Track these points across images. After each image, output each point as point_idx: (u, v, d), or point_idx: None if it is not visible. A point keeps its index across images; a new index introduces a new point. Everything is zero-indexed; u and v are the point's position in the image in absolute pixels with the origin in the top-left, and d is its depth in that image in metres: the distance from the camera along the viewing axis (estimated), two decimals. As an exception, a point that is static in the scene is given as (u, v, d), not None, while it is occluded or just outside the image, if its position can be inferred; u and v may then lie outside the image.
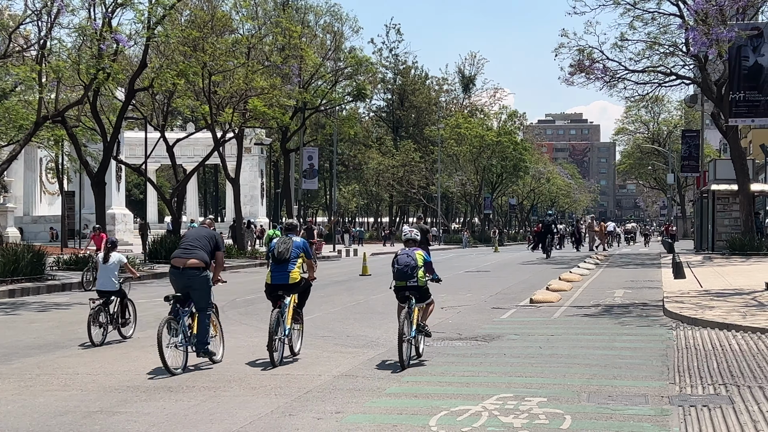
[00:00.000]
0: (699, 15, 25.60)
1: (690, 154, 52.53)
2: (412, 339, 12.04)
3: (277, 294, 12.30)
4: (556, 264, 37.22)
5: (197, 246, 12.17)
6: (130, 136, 60.27)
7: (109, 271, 14.94)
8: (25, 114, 31.65)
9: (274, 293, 12.34)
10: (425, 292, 12.42)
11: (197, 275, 11.94)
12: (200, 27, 36.59)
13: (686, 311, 16.68)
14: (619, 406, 9.19)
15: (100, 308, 14.32)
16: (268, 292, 12.42)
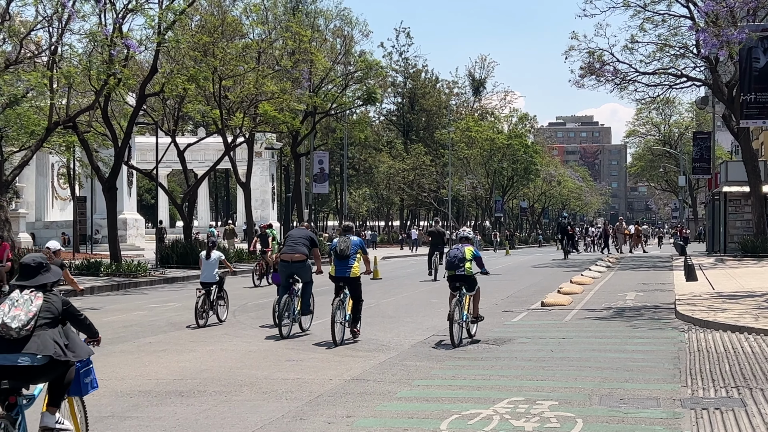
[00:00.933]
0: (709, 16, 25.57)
1: (701, 156, 52.38)
2: (463, 323, 14.14)
3: (340, 285, 14.67)
4: (568, 267, 37.14)
5: (299, 244, 15.82)
6: (141, 141, 60.38)
7: (211, 266, 17.73)
8: (37, 120, 31.76)
9: (338, 284, 14.72)
10: (472, 282, 14.54)
11: (301, 266, 15.64)
12: (210, 32, 36.65)
13: (698, 314, 16.62)
14: (631, 409, 9.16)
15: (205, 296, 17.31)
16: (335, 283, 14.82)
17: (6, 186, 28.34)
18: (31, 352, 6.35)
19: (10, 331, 6.35)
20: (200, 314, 17.04)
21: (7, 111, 29.41)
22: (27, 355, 6.34)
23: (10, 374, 6.30)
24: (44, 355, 6.40)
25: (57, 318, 6.65)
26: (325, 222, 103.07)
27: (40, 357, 6.39)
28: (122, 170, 41.42)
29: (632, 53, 39.71)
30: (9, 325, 6.35)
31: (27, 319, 6.43)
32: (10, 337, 6.35)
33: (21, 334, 6.37)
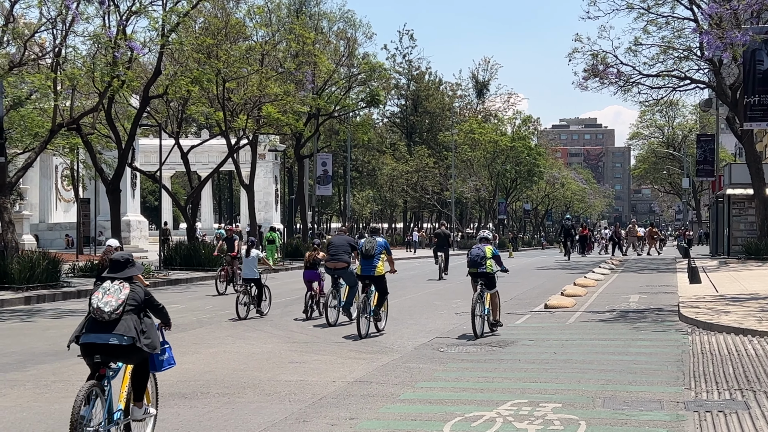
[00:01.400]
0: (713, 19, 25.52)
1: (705, 158, 52.28)
2: (485, 316, 15.37)
3: (366, 282, 16.06)
4: (571, 269, 37.11)
5: (341, 252, 17.64)
6: (144, 143, 60.45)
7: (251, 264, 19.40)
8: (41, 122, 31.81)
9: (363, 282, 16.15)
10: (492, 279, 15.63)
11: (344, 272, 17.59)
12: (214, 34, 36.67)
13: (702, 316, 16.60)
14: (635, 411, 9.15)
15: (246, 291, 19.00)
16: (360, 281, 16.37)
17: (10, 188, 28.35)
18: (120, 333, 7.47)
19: (104, 315, 7.47)
20: (241, 309, 18.74)
21: (11, 113, 29.46)
22: (116, 336, 7.46)
23: (102, 350, 7.48)
24: (129, 336, 7.50)
25: (140, 305, 7.76)
26: (329, 224, 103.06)
27: (127, 338, 7.48)
28: (126, 172, 41.43)
29: (636, 55, 39.77)
30: (103, 309, 7.48)
31: (117, 305, 7.53)
32: (103, 319, 7.49)
33: (112, 317, 7.48)
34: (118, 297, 7.58)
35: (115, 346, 7.46)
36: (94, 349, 7.51)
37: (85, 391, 7.28)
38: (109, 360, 7.61)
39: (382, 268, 16.10)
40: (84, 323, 7.68)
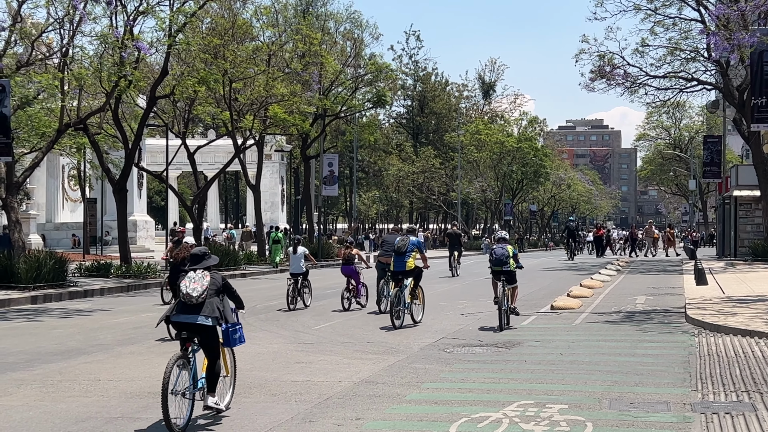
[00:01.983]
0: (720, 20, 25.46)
1: (712, 159, 52.09)
2: (508, 310, 16.76)
3: (398, 278, 17.30)
4: (577, 270, 37.08)
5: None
6: (151, 143, 60.56)
7: (297, 259, 21.25)
8: (48, 121, 31.86)
9: (396, 277, 17.36)
10: (514, 276, 16.88)
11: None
12: (221, 34, 36.72)
13: (708, 318, 16.58)
14: (641, 413, 9.14)
15: (294, 285, 20.85)
16: (392, 276, 17.62)
17: (17, 187, 28.43)
18: (206, 314, 9.01)
19: (192, 299, 9.01)
20: (291, 300, 20.73)
21: (19, 112, 29.51)
22: (202, 316, 9.01)
23: (189, 328, 9.04)
24: (213, 317, 9.02)
25: (219, 290, 9.29)
26: (335, 225, 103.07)
27: (211, 318, 9.02)
28: (132, 172, 41.48)
29: (643, 57, 39.59)
30: (191, 295, 9.01)
31: (202, 290, 9.06)
32: (191, 302, 9.01)
33: (198, 300, 9.02)
34: (202, 284, 9.11)
35: (200, 325, 8.99)
36: (183, 327, 9.08)
37: (174, 360, 8.69)
38: (194, 336, 9.07)
39: (412, 263, 17.51)
40: (174, 306, 9.27)
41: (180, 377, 8.74)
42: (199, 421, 9.12)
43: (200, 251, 9.58)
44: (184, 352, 8.94)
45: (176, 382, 8.63)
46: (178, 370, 8.75)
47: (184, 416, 8.71)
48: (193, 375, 8.98)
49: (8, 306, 22.11)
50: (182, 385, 8.74)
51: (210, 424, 8.98)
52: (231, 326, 9.40)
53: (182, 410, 8.69)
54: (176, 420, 8.52)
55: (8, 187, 27.45)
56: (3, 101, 24.19)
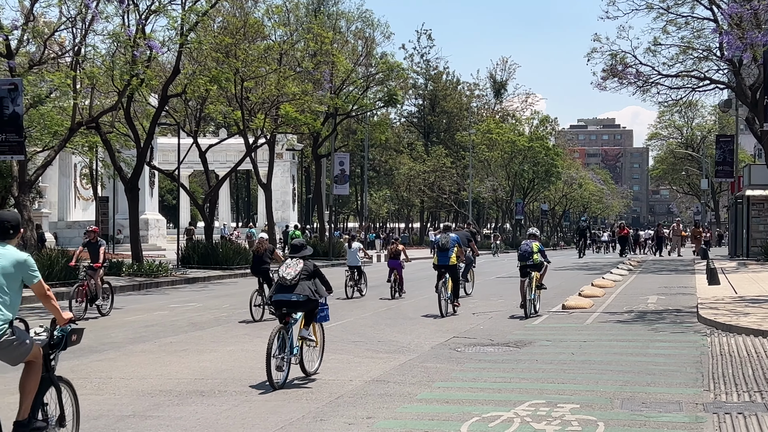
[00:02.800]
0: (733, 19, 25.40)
1: (724, 159, 51.88)
2: (532, 300, 18.51)
3: (442, 271, 19.09)
4: (589, 270, 37.00)
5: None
6: (163, 142, 60.64)
7: (353, 253, 24.30)
8: (60, 120, 31.95)
9: (440, 271, 19.20)
10: (540, 265, 19.07)
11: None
12: (233, 33, 36.76)
13: (721, 318, 16.51)
14: (653, 413, 9.11)
15: (351, 275, 23.91)
16: (437, 270, 19.37)
17: (29, 186, 28.51)
18: (297, 293, 11.23)
19: (287, 281, 11.30)
20: (348, 290, 23.64)
21: (31, 111, 29.60)
22: (295, 294, 11.23)
23: (287, 305, 11.25)
24: (304, 295, 11.24)
25: (311, 275, 11.47)
26: (345, 224, 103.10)
27: (302, 296, 11.23)
28: (144, 171, 41.60)
29: (655, 56, 39.51)
30: (286, 278, 11.33)
31: (295, 274, 11.35)
32: (287, 284, 11.30)
33: (292, 282, 11.30)
34: (296, 269, 11.38)
35: (295, 301, 11.20)
36: (282, 304, 11.27)
37: (276, 331, 10.91)
38: (291, 311, 11.21)
39: (455, 258, 19.42)
40: (274, 288, 11.55)
41: (280, 345, 10.81)
42: (205, 418, 9.13)
43: (299, 243, 11.99)
44: (283, 324, 11.10)
45: (276, 348, 10.70)
46: (278, 339, 10.82)
47: (282, 378, 10.80)
48: (290, 344, 11.01)
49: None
50: (281, 352, 10.79)
51: (222, 420, 8.99)
52: (319, 305, 11.56)
53: (281, 374, 10.74)
54: (279, 375, 10.71)
55: (21, 185, 27.53)
56: (16, 100, 24.24)
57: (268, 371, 10.50)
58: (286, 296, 11.23)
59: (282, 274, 11.38)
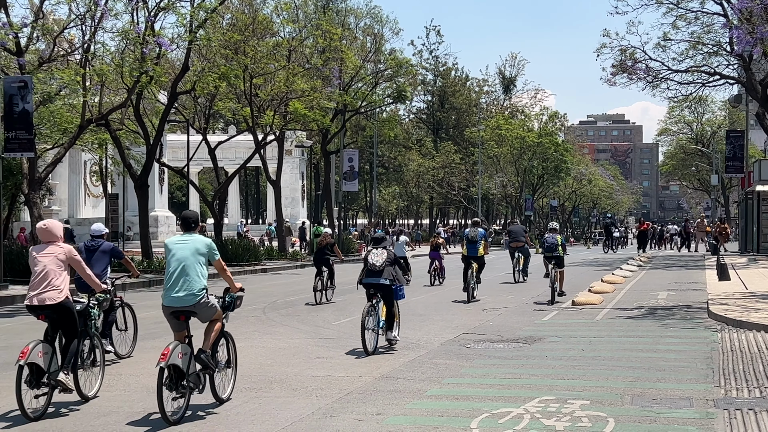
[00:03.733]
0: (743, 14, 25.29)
1: (734, 154, 51.63)
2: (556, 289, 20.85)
3: (469, 262, 21.78)
4: (599, 266, 36.95)
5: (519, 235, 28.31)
6: (172, 139, 60.74)
7: (400, 246, 25.98)
8: (70, 117, 32.01)
9: (467, 261, 21.87)
10: (561, 260, 21.74)
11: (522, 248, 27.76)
12: (241, 30, 36.78)
13: (731, 313, 16.47)
14: (663, 409, 9.09)
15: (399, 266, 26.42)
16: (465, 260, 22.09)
17: (39, 183, 28.59)
18: (384, 277, 13.66)
19: (375, 267, 13.67)
20: None
21: (41, 108, 29.67)
22: (382, 278, 13.65)
23: (374, 287, 13.69)
24: (389, 279, 13.65)
25: (393, 261, 13.89)
26: (355, 220, 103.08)
27: (388, 280, 13.64)
28: (154, 168, 41.66)
29: (665, 51, 39.45)
30: (375, 264, 13.70)
31: (381, 262, 13.71)
32: (375, 269, 13.67)
33: (379, 268, 13.65)
34: (382, 257, 13.74)
35: (382, 284, 13.63)
36: (371, 286, 13.73)
37: (366, 309, 13.27)
38: (377, 292, 13.63)
39: (482, 251, 22.24)
40: (362, 273, 13.95)
41: (370, 319, 13.21)
42: (215, 414, 9.15)
43: (380, 236, 14.41)
44: (372, 302, 13.50)
45: (367, 322, 13.11)
46: (368, 315, 13.18)
47: (373, 345, 13.17)
48: (377, 319, 13.46)
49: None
50: (371, 325, 13.22)
51: (233, 416, 9.00)
52: (398, 286, 13.87)
53: (371, 341, 13.18)
54: (371, 345, 13.09)
55: (31, 182, 27.60)
56: (25, 97, 24.29)
57: (362, 339, 12.98)
58: (375, 279, 13.68)
59: (372, 262, 13.74)
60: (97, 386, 10.09)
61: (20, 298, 22.11)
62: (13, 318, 18.80)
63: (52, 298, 9.35)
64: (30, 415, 8.87)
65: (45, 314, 9.44)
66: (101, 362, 10.31)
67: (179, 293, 9.38)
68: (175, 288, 9.39)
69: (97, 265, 12.95)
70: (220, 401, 9.55)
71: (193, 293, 9.34)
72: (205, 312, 9.54)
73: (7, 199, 30.35)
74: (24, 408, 8.83)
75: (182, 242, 9.61)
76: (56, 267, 9.45)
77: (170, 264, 9.51)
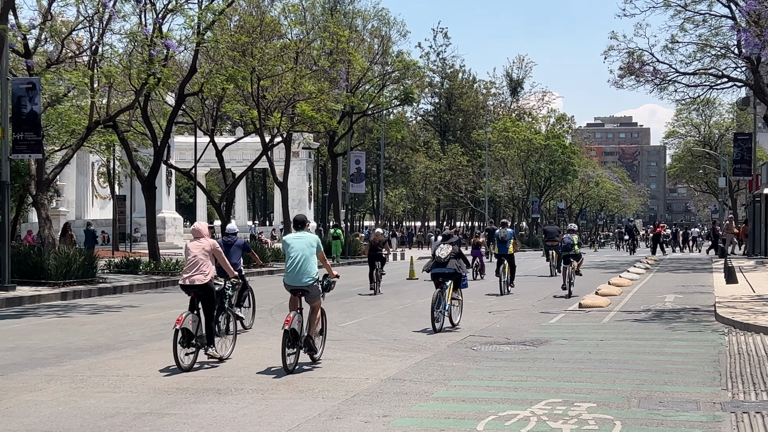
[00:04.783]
0: (751, 16, 25.25)
1: (742, 157, 51.51)
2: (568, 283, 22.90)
3: (501, 259, 24.66)
4: (606, 268, 36.89)
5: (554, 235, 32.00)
6: (179, 140, 60.86)
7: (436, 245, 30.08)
8: (78, 119, 32.10)
9: (500, 258, 24.82)
10: (578, 255, 23.85)
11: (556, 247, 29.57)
12: (249, 32, 36.84)
13: (739, 316, 16.43)
14: (670, 412, 9.07)
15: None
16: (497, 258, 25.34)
17: (47, 184, 28.67)
18: (450, 267, 16.14)
19: (441, 259, 16.12)
20: None
21: (49, 110, 29.76)
22: (447, 269, 16.15)
23: (441, 276, 16.13)
24: (454, 269, 16.13)
25: (457, 255, 16.29)
26: (362, 222, 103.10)
27: (454, 270, 16.12)
28: (161, 169, 41.72)
29: (672, 53, 39.34)
30: (441, 257, 16.15)
31: (447, 255, 16.17)
32: (441, 261, 16.13)
33: (445, 260, 16.13)
34: (447, 252, 16.18)
35: (449, 273, 16.12)
36: (438, 275, 16.16)
37: (435, 294, 15.81)
38: (445, 280, 16.13)
39: (512, 249, 24.86)
40: (432, 264, 16.46)
41: (439, 301, 15.74)
42: (222, 415, 9.16)
43: (447, 233, 17.29)
44: (440, 288, 15.89)
45: (437, 304, 15.65)
46: (437, 299, 15.74)
47: (440, 324, 15.68)
48: (444, 303, 15.85)
49: (38, 302, 22.30)
50: (439, 308, 15.72)
51: (239, 417, 9.01)
52: (463, 276, 16.48)
53: (440, 322, 15.73)
54: (439, 325, 15.61)
55: (38, 183, 27.67)
56: (33, 99, 24.36)
57: (432, 320, 15.53)
58: (441, 270, 16.12)
59: (438, 254, 16.25)
60: (230, 350, 13.00)
61: (28, 299, 22.20)
62: (21, 319, 18.84)
63: (200, 279, 12.21)
64: (182, 366, 11.69)
65: (194, 291, 12.27)
66: (234, 331, 13.23)
67: (298, 276, 12.00)
68: (295, 272, 12.01)
69: (233, 256, 16.24)
70: (315, 360, 12.26)
71: (309, 277, 11.98)
72: (314, 292, 12.12)
73: (14, 200, 30.46)
74: (179, 361, 11.65)
75: (298, 239, 12.20)
76: (203, 257, 12.31)
77: (290, 255, 12.08)
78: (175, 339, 11.70)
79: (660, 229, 55.08)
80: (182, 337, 11.80)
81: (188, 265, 12.36)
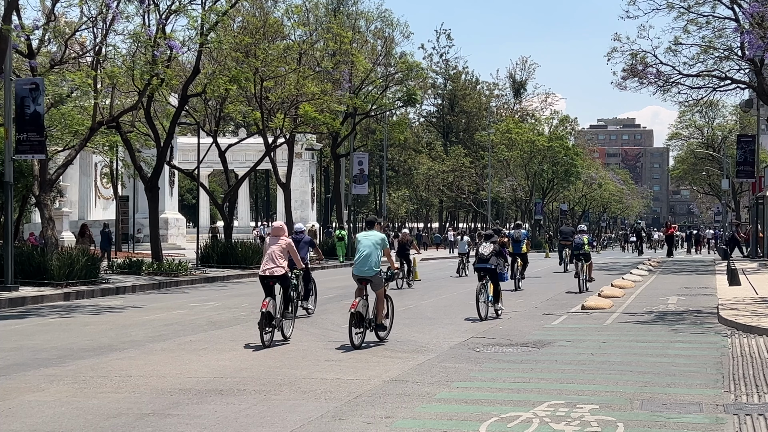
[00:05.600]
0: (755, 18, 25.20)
1: (745, 159, 51.45)
2: (586, 279, 25.19)
3: (515, 258, 26.61)
4: (609, 270, 36.86)
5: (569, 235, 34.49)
6: (183, 141, 60.86)
7: (463, 244, 33.54)
8: (81, 119, 32.13)
9: (513, 258, 26.35)
10: (588, 255, 25.43)
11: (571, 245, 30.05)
12: (252, 33, 36.85)
13: (742, 318, 16.42)
14: (673, 413, 9.06)
15: (460, 261, 33.67)
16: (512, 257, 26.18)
17: (50, 185, 28.67)
18: (490, 263, 18.09)
19: (483, 255, 18.14)
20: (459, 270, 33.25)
21: (52, 111, 29.78)
22: (489, 264, 18.03)
23: (483, 270, 18.16)
24: (494, 264, 18.07)
25: (498, 252, 18.36)
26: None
27: (492, 265, 18.02)
28: (164, 170, 41.75)
29: (675, 55, 39.24)
30: (483, 253, 18.19)
31: (489, 252, 18.15)
32: (483, 258, 18.13)
33: (486, 256, 18.11)
34: (489, 249, 18.11)
35: (489, 268, 18.01)
36: (481, 269, 18.07)
37: (478, 287, 17.89)
38: (486, 275, 18.00)
39: (525, 249, 28.14)
40: (475, 260, 18.54)
41: (482, 293, 17.67)
42: (224, 416, 9.16)
43: (489, 233, 19.31)
44: (482, 281, 17.91)
45: (480, 295, 17.59)
46: (480, 291, 17.70)
47: (484, 313, 17.61)
48: (486, 294, 17.87)
49: (41, 302, 22.32)
50: (483, 298, 17.65)
51: (242, 418, 9.01)
52: (502, 271, 18.68)
53: (484, 311, 17.67)
54: (483, 313, 17.57)
55: (42, 184, 27.69)
56: (37, 99, 24.38)
57: (477, 308, 17.62)
58: (483, 265, 18.03)
59: (480, 251, 18.28)
60: (291, 330, 15.07)
61: (31, 299, 22.21)
62: (24, 319, 18.86)
63: (279, 271, 14.51)
64: (264, 344, 13.84)
65: (273, 281, 14.54)
66: (293, 315, 15.39)
67: (364, 268, 14.27)
68: (362, 264, 14.28)
69: (301, 251, 18.41)
70: (381, 338, 14.52)
71: (372, 269, 14.20)
72: (378, 281, 14.31)
73: (18, 200, 30.46)
74: (263, 339, 13.87)
75: (367, 237, 14.52)
76: (280, 252, 14.64)
77: (359, 249, 14.40)
78: (261, 320, 13.89)
79: (672, 230, 54.82)
80: (264, 319, 13.85)
81: (267, 258, 14.60)
